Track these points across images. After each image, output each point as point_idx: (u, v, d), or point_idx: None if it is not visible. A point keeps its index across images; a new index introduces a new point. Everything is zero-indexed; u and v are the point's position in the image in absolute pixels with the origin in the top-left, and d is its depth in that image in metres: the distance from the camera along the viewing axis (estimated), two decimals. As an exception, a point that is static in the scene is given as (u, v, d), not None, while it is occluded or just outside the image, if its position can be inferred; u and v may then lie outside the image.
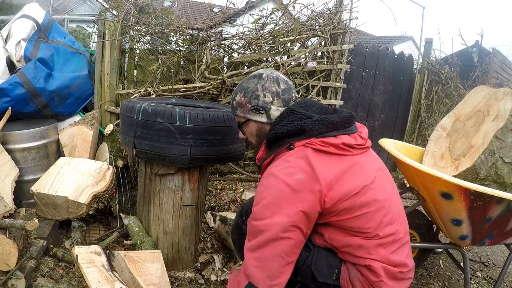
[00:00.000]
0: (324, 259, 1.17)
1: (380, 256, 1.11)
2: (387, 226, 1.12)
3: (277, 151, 1.16)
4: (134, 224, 1.96)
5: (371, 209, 1.10)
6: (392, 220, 1.14)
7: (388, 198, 1.16)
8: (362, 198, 1.08)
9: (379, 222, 1.11)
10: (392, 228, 1.13)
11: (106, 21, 2.94)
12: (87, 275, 1.47)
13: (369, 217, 1.10)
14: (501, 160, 1.94)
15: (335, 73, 3.22)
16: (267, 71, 1.31)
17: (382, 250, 1.12)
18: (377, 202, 1.11)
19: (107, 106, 2.98)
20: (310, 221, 1.08)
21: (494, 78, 5.04)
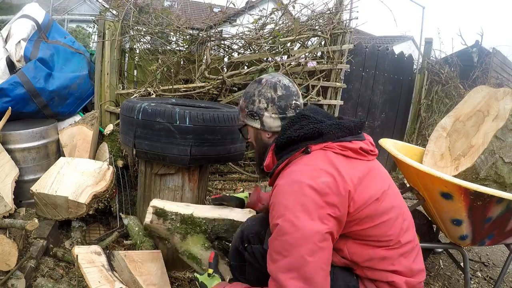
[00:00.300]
0: (341, 280, 1.09)
1: (403, 266, 1.07)
2: (406, 232, 1.09)
3: (292, 155, 1.09)
4: (134, 224, 1.96)
5: (391, 216, 1.06)
6: (409, 226, 1.12)
7: (402, 203, 1.14)
8: (383, 204, 1.05)
9: (400, 229, 1.07)
10: (410, 235, 1.11)
11: (106, 21, 2.94)
12: (87, 275, 1.47)
13: (391, 224, 1.06)
14: (501, 160, 1.94)
15: (335, 73, 3.22)
16: (269, 76, 1.26)
17: (404, 260, 1.08)
18: (396, 208, 1.08)
19: (107, 106, 2.98)
20: (340, 226, 1.01)
21: (494, 78, 5.04)
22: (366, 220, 1.03)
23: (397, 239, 1.06)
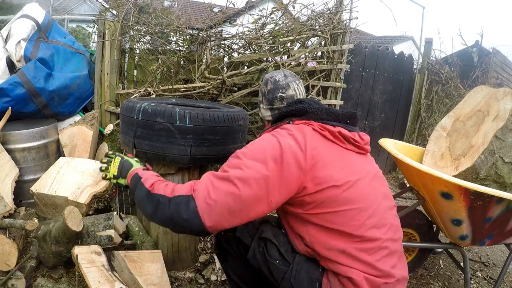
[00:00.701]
0: (305, 272, 1.13)
1: (363, 263, 1.05)
2: (372, 228, 1.08)
3: (277, 125, 1.24)
4: (134, 224, 1.96)
5: (354, 207, 1.07)
6: (378, 225, 1.10)
7: (376, 202, 1.13)
8: (345, 193, 1.07)
9: (362, 222, 1.07)
10: (378, 233, 1.08)
11: (106, 21, 2.94)
12: (87, 275, 1.47)
13: (352, 215, 1.07)
14: (501, 160, 1.94)
15: (335, 73, 3.22)
16: (269, 73, 1.44)
17: (366, 256, 1.06)
18: (363, 202, 1.09)
19: (107, 106, 2.98)
20: (281, 191, 1.05)
21: (494, 78, 5.04)
22: (325, 204, 1.06)
23: (359, 232, 1.06)
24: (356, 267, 1.05)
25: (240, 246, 1.28)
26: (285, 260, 1.17)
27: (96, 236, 1.74)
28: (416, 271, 2.35)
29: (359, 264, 1.05)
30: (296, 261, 1.15)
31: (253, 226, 1.28)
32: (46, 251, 1.65)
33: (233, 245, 1.31)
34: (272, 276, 1.18)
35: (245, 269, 1.31)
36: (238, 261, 1.31)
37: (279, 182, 1.04)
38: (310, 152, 1.07)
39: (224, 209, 1.02)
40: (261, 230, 1.26)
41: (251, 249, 1.24)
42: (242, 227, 1.28)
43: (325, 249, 1.09)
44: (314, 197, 1.06)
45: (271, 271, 1.18)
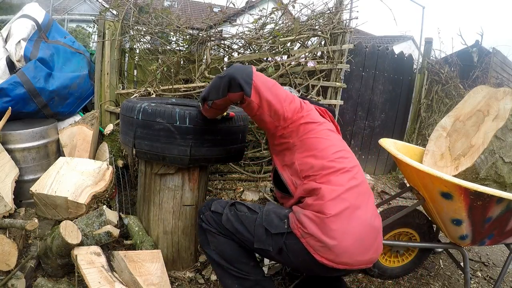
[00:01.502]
0: (273, 213, 1.36)
1: (335, 181, 1.31)
2: (340, 157, 1.39)
3: None
4: (134, 224, 1.96)
5: (327, 138, 1.42)
6: (344, 156, 1.42)
7: (342, 146, 1.47)
8: (323, 130, 1.44)
9: (334, 152, 1.39)
10: (345, 160, 1.40)
11: (106, 21, 2.94)
12: (87, 276, 1.48)
13: (327, 144, 1.40)
14: (501, 160, 1.94)
15: (335, 73, 3.22)
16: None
17: (337, 177, 1.33)
18: (332, 140, 1.44)
19: (107, 106, 2.98)
20: (286, 103, 1.41)
21: (494, 78, 5.03)
22: (311, 133, 1.41)
23: (332, 156, 1.37)
24: (326, 181, 1.31)
25: (216, 218, 1.46)
26: (253, 211, 1.41)
27: (95, 236, 1.74)
28: (416, 271, 2.35)
29: (331, 178, 1.32)
30: (264, 209, 1.39)
31: (225, 203, 1.51)
32: (53, 266, 1.66)
33: (211, 220, 1.47)
34: (246, 229, 1.37)
35: (225, 243, 1.44)
36: (217, 237, 1.45)
37: (291, 101, 1.44)
38: (308, 106, 1.52)
39: (264, 79, 1.41)
40: (231, 202, 1.50)
41: (224, 214, 1.44)
42: (216, 203, 1.51)
43: (308, 168, 1.36)
44: (305, 127, 1.42)
45: (244, 225, 1.38)
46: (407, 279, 2.26)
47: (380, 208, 2.79)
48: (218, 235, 1.45)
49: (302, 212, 1.28)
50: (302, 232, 1.25)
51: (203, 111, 1.57)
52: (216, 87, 1.41)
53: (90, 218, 1.82)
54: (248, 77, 1.35)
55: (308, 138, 1.41)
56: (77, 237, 1.60)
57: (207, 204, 1.55)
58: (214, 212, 1.47)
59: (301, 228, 1.25)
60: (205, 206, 1.55)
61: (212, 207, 1.49)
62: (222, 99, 1.41)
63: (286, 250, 1.30)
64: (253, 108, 1.39)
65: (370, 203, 1.37)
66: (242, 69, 1.38)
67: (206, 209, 1.52)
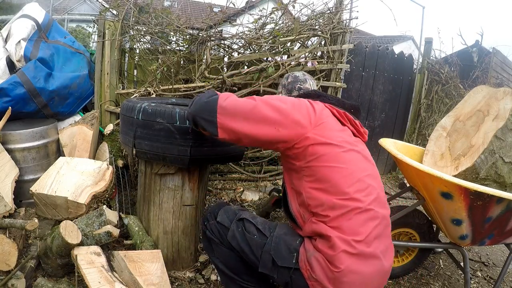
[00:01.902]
0: (283, 243, 1.24)
1: (346, 226, 1.13)
2: (358, 191, 1.17)
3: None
4: (134, 224, 1.96)
5: (345, 167, 1.19)
6: (365, 191, 1.19)
7: (365, 172, 1.24)
8: (341, 153, 1.20)
9: (351, 184, 1.17)
10: (364, 197, 1.17)
11: (106, 21, 2.94)
12: (87, 276, 1.47)
13: (344, 174, 1.17)
14: (501, 160, 1.94)
15: (335, 73, 3.22)
16: (290, 72, 1.74)
17: (348, 221, 1.14)
18: (351, 166, 1.20)
19: (107, 106, 2.98)
20: (288, 126, 1.19)
21: (494, 77, 5.04)
22: (322, 159, 1.18)
23: (347, 190, 1.15)
24: (337, 228, 1.13)
25: (222, 231, 1.37)
26: (263, 234, 1.28)
27: (95, 235, 1.74)
28: (416, 271, 2.35)
29: (341, 224, 1.13)
30: (274, 235, 1.26)
31: (232, 212, 1.41)
32: (53, 266, 1.66)
33: (216, 231, 1.39)
34: (252, 252, 1.27)
35: (229, 255, 1.38)
36: (221, 248, 1.39)
37: (291, 118, 1.19)
38: (319, 115, 1.24)
39: (236, 107, 1.21)
40: (239, 214, 1.38)
41: (231, 229, 1.34)
42: (223, 213, 1.41)
43: (317, 205, 1.18)
44: (315, 149, 1.18)
45: (250, 247, 1.28)
46: (407, 279, 2.26)
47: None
48: (222, 246, 1.39)
49: (314, 255, 1.16)
50: (309, 274, 1.15)
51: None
52: (188, 120, 1.34)
53: (90, 218, 1.82)
54: (211, 115, 1.19)
55: (319, 166, 1.18)
56: (77, 237, 1.60)
57: (213, 211, 1.46)
58: (220, 224, 1.38)
59: (309, 271, 1.15)
60: (210, 213, 1.46)
61: (219, 218, 1.40)
62: (199, 130, 1.35)
63: (291, 284, 1.21)
64: (233, 141, 1.26)
65: (387, 242, 1.21)
66: (203, 106, 1.22)
67: (212, 217, 1.44)
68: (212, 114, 1.19)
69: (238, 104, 1.20)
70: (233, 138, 1.23)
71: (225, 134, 1.21)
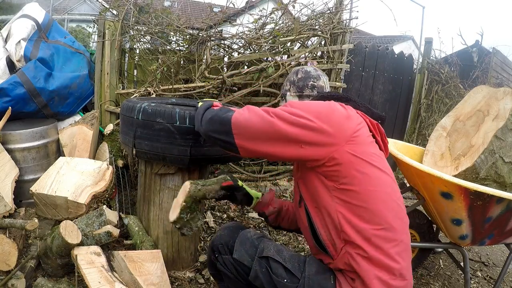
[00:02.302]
0: (317, 285, 1.08)
1: (385, 257, 1.02)
2: (395, 218, 1.06)
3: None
4: (134, 224, 1.96)
5: (383, 190, 1.06)
6: (398, 215, 1.08)
7: (396, 195, 1.12)
8: (376, 173, 1.06)
9: (391, 211, 1.06)
10: (398, 223, 1.06)
11: (106, 21, 2.94)
12: (87, 276, 1.47)
13: (382, 198, 1.05)
14: (501, 160, 1.94)
15: (335, 73, 3.22)
16: (299, 67, 1.48)
17: (390, 247, 1.02)
18: (387, 188, 1.08)
19: (107, 106, 2.98)
20: (314, 142, 1.04)
21: (494, 77, 5.04)
22: (357, 181, 1.03)
23: (385, 218, 1.03)
24: (376, 263, 1.01)
25: (240, 269, 1.19)
26: (293, 276, 1.11)
27: (95, 235, 1.74)
28: (416, 271, 2.35)
29: (381, 258, 1.01)
30: (306, 275, 1.10)
31: (251, 244, 1.20)
32: (53, 266, 1.66)
33: (231, 267, 1.21)
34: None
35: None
36: (237, 283, 1.23)
37: (317, 130, 1.04)
38: (355, 126, 1.08)
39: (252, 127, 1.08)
40: (262, 248, 1.17)
41: (253, 270, 1.15)
42: (240, 247, 1.20)
43: (355, 231, 1.03)
44: (349, 170, 1.04)
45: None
46: (407, 279, 2.26)
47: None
48: (238, 283, 1.22)
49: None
50: None
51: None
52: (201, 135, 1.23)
53: (90, 218, 1.82)
54: (228, 135, 1.10)
55: (356, 191, 1.04)
56: (77, 237, 1.60)
57: (225, 243, 1.25)
58: (238, 261, 1.18)
59: None
60: (222, 245, 1.25)
61: (235, 254, 1.18)
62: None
63: None
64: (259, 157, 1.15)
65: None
66: (218, 128, 1.13)
67: (225, 250, 1.24)
68: (228, 135, 1.11)
69: (254, 124, 1.07)
70: (256, 155, 1.16)
71: (247, 153, 1.13)
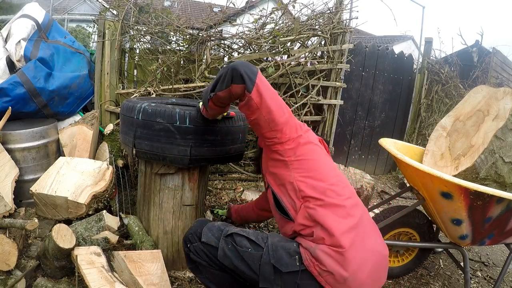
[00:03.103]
0: (281, 249, 1.20)
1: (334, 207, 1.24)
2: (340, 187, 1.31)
3: None
4: (134, 224, 1.96)
5: (323, 161, 1.37)
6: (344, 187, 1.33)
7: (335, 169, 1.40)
8: (319, 150, 1.39)
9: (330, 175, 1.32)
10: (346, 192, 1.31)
11: (106, 21, 2.94)
12: (87, 276, 1.47)
13: (323, 167, 1.34)
14: (501, 160, 1.94)
15: (335, 73, 3.22)
16: None
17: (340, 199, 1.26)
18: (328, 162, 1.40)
19: (107, 106, 2.98)
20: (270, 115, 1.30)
21: (494, 77, 5.04)
22: (313, 154, 1.34)
23: (330, 181, 1.29)
24: (332, 210, 1.22)
25: (209, 252, 1.29)
26: (257, 245, 1.22)
27: (93, 241, 1.75)
28: (416, 271, 2.35)
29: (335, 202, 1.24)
30: (269, 243, 1.22)
31: (217, 229, 1.32)
32: (51, 267, 1.66)
33: (202, 253, 1.30)
34: (249, 267, 1.20)
35: (221, 276, 1.31)
36: (211, 269, 1.31)
37: (293, 120, 1.37)
38: (305, 128, 1.44)
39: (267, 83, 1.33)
40: (226, 230, 1.30)
41: (220, 248, 1.25)
42: (207, 231, 1.31)
43: (311, 188, 1.27)
44: (303, 148, 1.33)
45: (246, 262, 1.20)
46: (407, 279, 2.26)
47: (380, 208, 2.79)
48: (211, 268, 1.31)
49: (318, 248, 1.15)
50: (319, 270, 1.14)
51: (204, 111, 1.54)
52: (222, 76, 1.32)
53: (89, 222, 1.82)
54: (253, 74, 1.27)
55: (308, 159, 1.32)
56: (70, 241, 1.58)
57: (194, 232, 1.36)
58: (206, 244, 1.29)
59: (319, 266, 1.14)
60: (192, 234, 1.36)
61: (203, 238, 1.30)
62: (225, 90, 1.32)
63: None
64: (252, 107, 1.28)
65: (376, 231, 1.30)
66: (248, 65, 1.30)
67: (195, 238, 1.34)
68: (254, 74, 1.26)
69: (269, 85, 1.32)
70: (257, 104, 1.26)
71: (256, 94, 1.25)
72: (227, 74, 1.30)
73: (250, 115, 1.32)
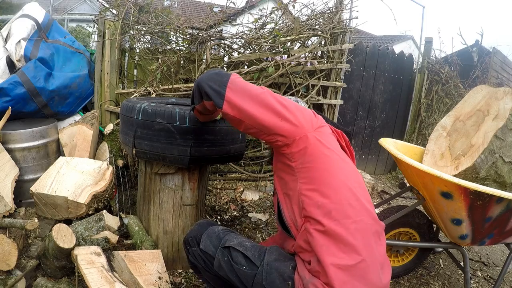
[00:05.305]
0: (275, 272, 1.14)
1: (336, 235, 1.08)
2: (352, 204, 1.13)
3: None
4: (134, 224, 1.96)
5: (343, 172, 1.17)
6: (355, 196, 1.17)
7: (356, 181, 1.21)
8: (335, 156, 1.18)
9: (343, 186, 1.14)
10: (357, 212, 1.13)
11: (106, 21, 2.94)
12: (87, 276, 1.48)
13: (342, 178, 1.15)
14: (501, 160, 1.93)
15: (335, 73, 3.22)
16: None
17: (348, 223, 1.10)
18: (344, 171, 1.18)
19: (107, 106, 2.98)
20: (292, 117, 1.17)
21: (494, 77, 5.03)
22: (322, 160, 1.15)
23: (346, 198, 1.11)
24: (333, 238, 1.07)
25: (206, 259, 1.28)
26: (252, 264, 1.17)
27: (93, 241, 1.75)
28: (416, 271, 2.35)
29: (339, 232, 1.07)
30: (264, 263, 1.16)
31: (217, 237, 1.29)
32: (51, 267, 1.67)
33: (199, 258, 1.30)
34: (242, 283, 1.18)
35: (218, 279, 1.31)
36: (209, 274, 1.31)
37: (293, 116, 1.17)
38: (321, 121, 1.24)
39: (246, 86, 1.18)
40: (225, 240, 1.27)
41: (216, 259, 1.24)
42: (206, 239, 1.29)
43: (314, 206, 1.11)
44: (314, 150, 1.15)
45: (239, 278, 1.18)
46: (407, 279, 2.26)
47: (380, 208, 2.79)
48: (209, 273, 1.31)
49: (312, 282, 1.07)
50: None
51: (195, 114, 1.50)
52: (193, 93, 1.28)
53: (89, 222, 1.82)
54: (221, 85, 1.16)
55: (317, 168, 1.15)
56: (70, 241, 1.58)
57: (194, 236, 1.34)
58: (204, 252, 1.28)
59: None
60: (192, 238, 1.35)
61: (202, 245, 1.28)
62: (200, 105, 1.29)
63: None
64: (232, 121, 1.20)
65: (385, 260, 1.15)
66: (213, 77, 1.19)
67: (194, 243, 1.33)
68: (221, 86, 1.16)
69: (248, 85, 1.19)
70: (235, 116, 1.16)
71: (229, 108, 1.16)
72: (196, 91, 1.25)
73: (236, 126, 1.23)
